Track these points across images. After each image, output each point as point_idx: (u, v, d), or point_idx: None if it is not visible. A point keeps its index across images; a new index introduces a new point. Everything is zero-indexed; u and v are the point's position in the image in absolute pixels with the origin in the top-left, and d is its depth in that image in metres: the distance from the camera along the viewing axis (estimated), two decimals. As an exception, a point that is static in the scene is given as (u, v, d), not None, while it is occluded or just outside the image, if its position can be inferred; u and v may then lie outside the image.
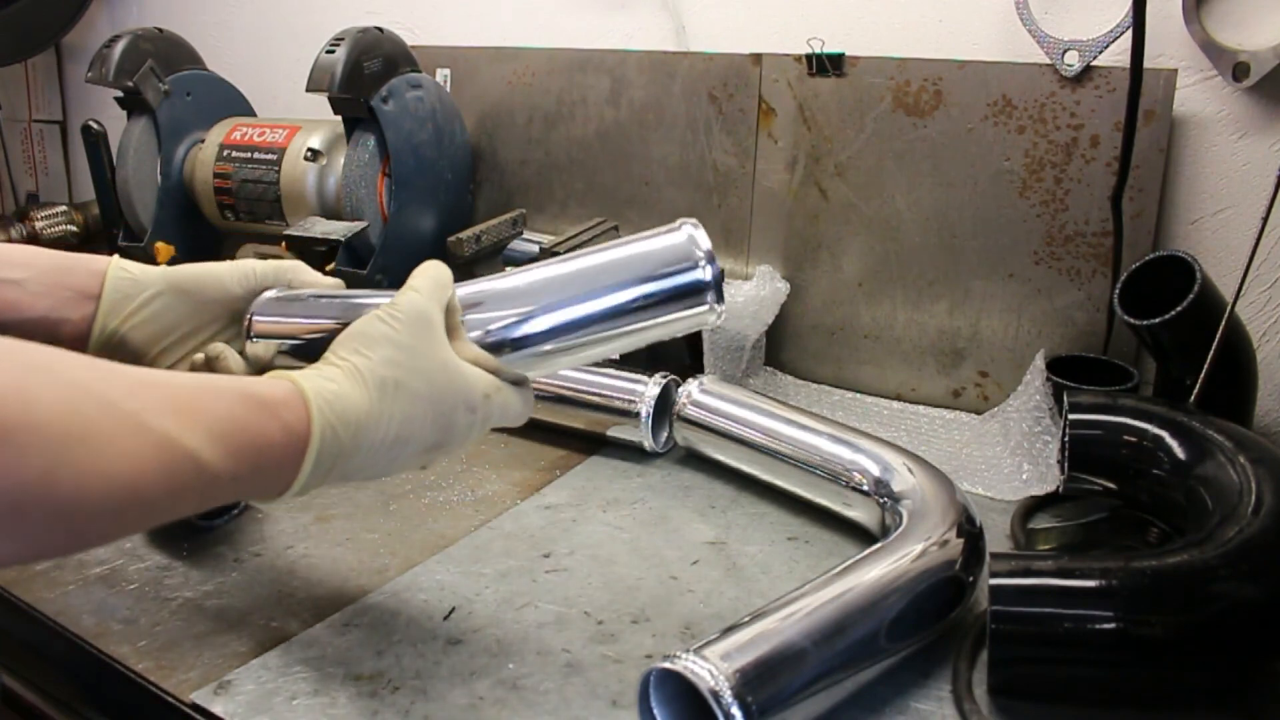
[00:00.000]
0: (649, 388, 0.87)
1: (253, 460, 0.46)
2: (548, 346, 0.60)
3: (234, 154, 1.24)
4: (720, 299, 0.61)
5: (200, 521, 0.73)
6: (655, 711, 0.52)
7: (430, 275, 0.57)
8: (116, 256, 0.70)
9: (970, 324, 1.03)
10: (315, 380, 0.50)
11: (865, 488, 0.73)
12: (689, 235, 0.61)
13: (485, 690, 0.57)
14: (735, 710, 0.47)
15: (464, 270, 1.11)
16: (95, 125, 1.28)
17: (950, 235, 1.03)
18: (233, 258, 1.28)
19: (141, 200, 1.28)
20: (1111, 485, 0.74)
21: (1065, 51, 0.94)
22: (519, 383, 0.60)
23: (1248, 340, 0.81)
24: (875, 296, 1.08)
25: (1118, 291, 0.79)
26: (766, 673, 0.49)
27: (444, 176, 1.24)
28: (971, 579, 0.63)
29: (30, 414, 0.36)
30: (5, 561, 0.39)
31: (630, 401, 0.87)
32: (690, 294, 0.60)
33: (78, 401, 0.39)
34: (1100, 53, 0.92)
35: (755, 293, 1.03)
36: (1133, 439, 0.72)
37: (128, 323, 0.64)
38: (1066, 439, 0.75)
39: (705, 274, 0.59)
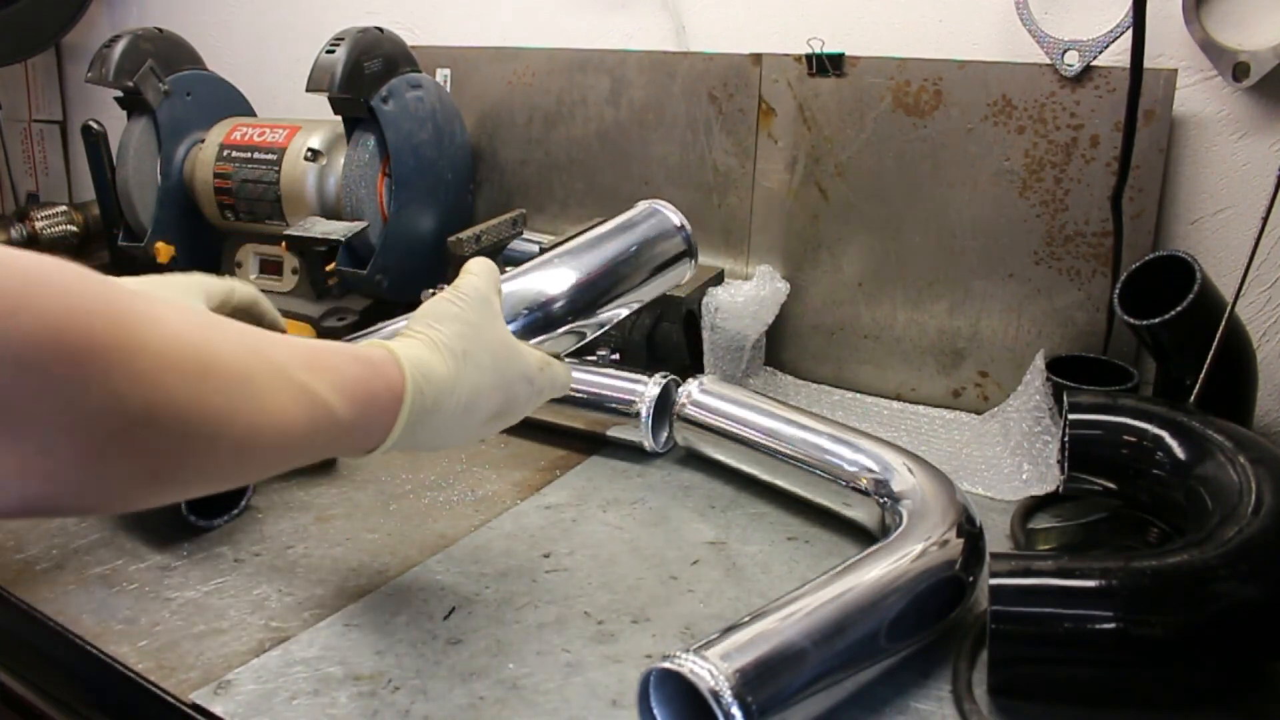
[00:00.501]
0: (649, 388, 0.87)
1: (366, 413, 0.51)
2: (567, 328, 0.72)
3: (234, 154, 1.24)
4: (695, 257, 0.81)
5: (200, 522, 0.73)
6: (655, 711, 0.52)
7: (484, 265, 0.64)
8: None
9: (970, 324, 1.03)
10: (404, 348, 0.55)
11: (865, 488, 0.73)
12: (667, 215, 0.79)
13: (485, 690, 0.57)
14: (735, 710, 0.47)
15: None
16: (95, 125, 1.28)
17: (950, 235, 1.03)
18: (234, 257, 1.29)
19: (141, 200, 1.28)
20: (1111, 485, 0.74)
21: (1065, 51, 0.94)
22: (557, 358, 0.67)
23: (1248, 340, 0.81)
24: (875, 296, 1.08)
25: (1118, 291, 0.79)
26: (766, 673, 0.49)
27: (444, 176, 1.23)
28: (971, 579, 0.63)
29: (215, 362, 0.42)
30: (190, 493, 0.45)
31: (630, 401, 0.87)
32: (676, 261, 0.79)
33: (244, 354, 0.44)
34: (1100, 53, 0.92)
35: (755, 293, 1.03)
36: (1133, 439, 0.72)
37: None
38: (1066, 439, 0.75)
39: (685, 243, 0.79)
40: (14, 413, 0.34)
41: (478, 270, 0.63)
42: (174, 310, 0.41)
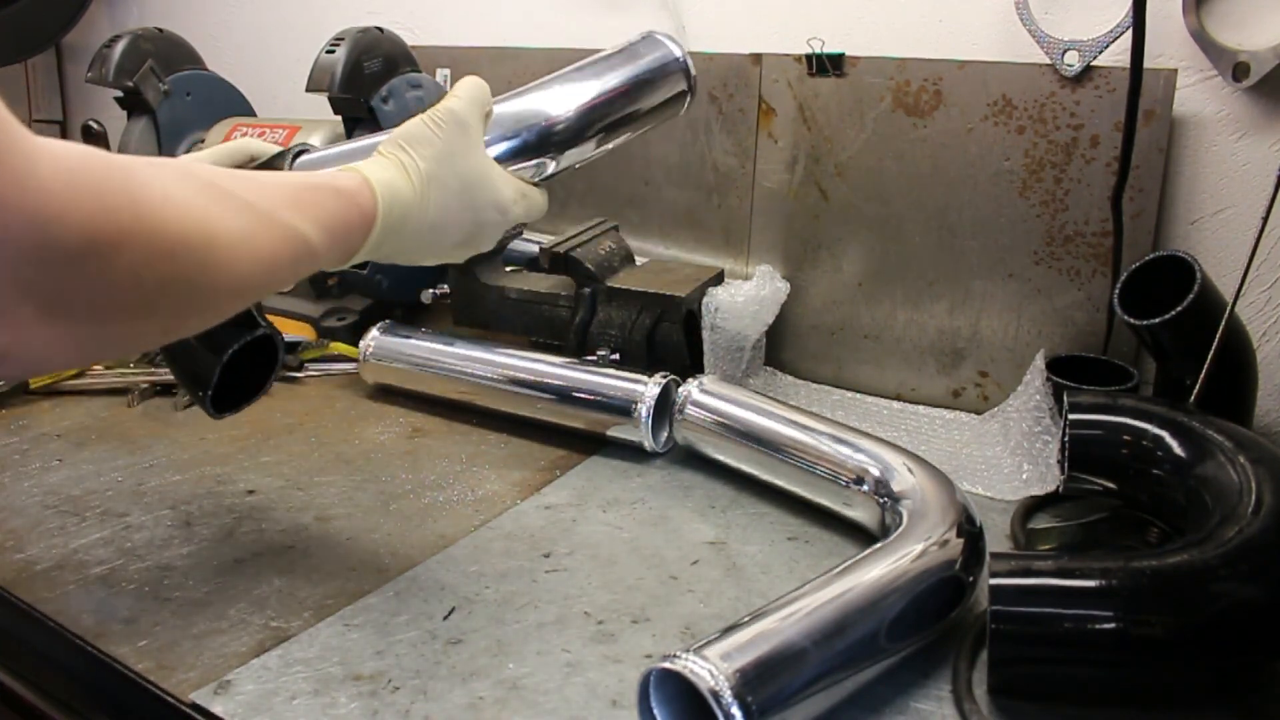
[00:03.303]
0: (649, 388, 0.87)
1: (341, 240, 0.57)
2: (553, 154, 0.72)
3: (234, 154, 1.24)
4: (691, 82, 0.80)
5: (217, 415, 0.70)
6: (655, 711, 0.52)
7: (471, 86, 0.66)
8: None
9: (970, 324, 1.03)
10: (376, 171, 0.60)
11: (865, 488, 0.73)
12: (656, 34, 0.79)
13: (485, 690, 0.57)
14: (735, 710, 0.47)
15: (461, 269, 1.11)
16: (95, 125, 1.28)
17: (950, 235, 1.03)
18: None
19: (141, 200, 1.28)
20: (1111, 485, 0.74)
21: (1065, 51, 0.94)
22: (534, 185, 0.71)
23: (1248, 340, 0.81)
24: (875, 296, 1.08)
25: (1118, 291, 0.79)
26: (766, 673, 0.49)
27: (444, 176, 1.23)
28: (971, 579, 0.63)
29: (217, 228, 0.46)
30: (190, 332, 0.51)
31: (630, 401, 0.87)
32: (670, 74, 0.78)
33: (238, 210, 0.48)
34: (1100, 53, 0.92)
35: (755, 293, 1.03)
36: (1133, 439, 0.72)
37: None
38: (1066, 439, 0.75)
39: (678, 51, 0.79)
40: (59, 296, 0.39)
41: (461, 93, 0.65)
42: (176, 185, 0.45)
